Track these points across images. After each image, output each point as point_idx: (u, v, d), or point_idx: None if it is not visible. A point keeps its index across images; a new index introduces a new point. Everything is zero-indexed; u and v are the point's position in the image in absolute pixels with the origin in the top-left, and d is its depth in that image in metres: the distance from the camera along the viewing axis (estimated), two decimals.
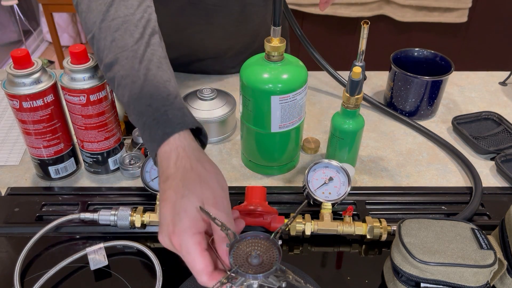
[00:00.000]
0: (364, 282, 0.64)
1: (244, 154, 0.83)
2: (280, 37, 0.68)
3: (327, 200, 0.70)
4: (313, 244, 0.69)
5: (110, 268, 0.65)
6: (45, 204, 0.74)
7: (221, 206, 0.51)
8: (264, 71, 0.70)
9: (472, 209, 0.73)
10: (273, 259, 0.48)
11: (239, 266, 0.48)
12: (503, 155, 0.84)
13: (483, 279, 0.56)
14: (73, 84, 0.69)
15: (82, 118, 0.72)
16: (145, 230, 0.70)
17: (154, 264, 0.63)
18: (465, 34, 2.30)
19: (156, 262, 0.64)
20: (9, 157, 0.84)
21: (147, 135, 0.56)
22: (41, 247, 0.67)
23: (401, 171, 0.83)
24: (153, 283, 0.61)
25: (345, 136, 0.76)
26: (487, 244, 0.57)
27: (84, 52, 0.68)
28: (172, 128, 0.54)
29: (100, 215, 0.68)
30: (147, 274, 0.64)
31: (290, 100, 0.71)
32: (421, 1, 2.13)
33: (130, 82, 0.58)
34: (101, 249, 0.65)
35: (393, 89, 0.96)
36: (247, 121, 0.76)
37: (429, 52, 0.99)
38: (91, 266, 0.64)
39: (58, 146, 0.75)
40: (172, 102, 0.56)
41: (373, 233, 0.67)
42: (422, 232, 0.59)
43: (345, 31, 2.30)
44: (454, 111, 1.00)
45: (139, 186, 0.77)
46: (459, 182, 0.81)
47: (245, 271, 0.47)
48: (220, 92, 0.90)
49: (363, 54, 0.70)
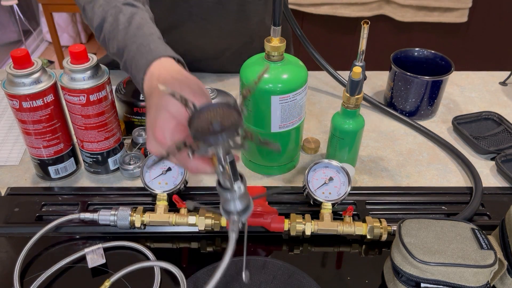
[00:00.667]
0: (364, 282, 0.64)
1: (244, 154, 0.83)
2: (280, 37, 0.68)
3: (327, 200, 0.70)
4: (313, 244, 0.69)
5: (109, 268, 0.64)
6: (45, 204, 0.74)
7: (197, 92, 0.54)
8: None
9: (472, 209, 0.73)
10: (234, 122, 0.47)
11: (197, 130, 0.46)
12: (503, 155, 0.84)
13: (483, 279, 0.56)
14: (73, 84, 0.68)
15: (82, 118, 0.72)
16: (145, 230, 0.70)
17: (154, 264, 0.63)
18: (465, 34, 2.30)
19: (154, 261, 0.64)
20: (9, 157, 0.84)
21: (134, 69, 0.63)
22: (41, 247, 0.67)
23: (401, 171, 0.83)
24: (152, 283, 0.61)
25: (345, 136, 0.76)
26: (487, 244, 0.57)
27: (84, 52, 0.68)
28: (153, 56, 0.61)
29: (100, 215, 0.68)
30: (146, 274, 0.64)
31: (290, 100, 0.71)
32: (421, 1, 2.13)
33: (116, 32, 0.67)
34: (99, 248, 0.65)
35: (393, 89, 0.96)
36: (247, 121, 0.76)
37: (429, 52, 0.99)
38: (88, 265, 0.64)
39: (58, 146, 0.75)
40: (154, 39, 0.64)
41: (373, 233, 0.67)
42: (422, 232, 0.59)
43: (345, 31, 2.30)
44: (454, 111, 0.99)
45: (139, 186, 0.77)
46: (459, 182, 0.81)
47: (204, 135, 0.45)
48: (220, 92, 0.90)
49: (363, 54, 0.70)
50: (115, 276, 0.61)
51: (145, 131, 0.82)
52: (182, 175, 0.72)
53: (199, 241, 0.69)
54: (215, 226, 0.67)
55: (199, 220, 0.67)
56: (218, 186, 0.51)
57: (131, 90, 0.86)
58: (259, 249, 0.68)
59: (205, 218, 0.67)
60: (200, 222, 0.67)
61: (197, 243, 0.69)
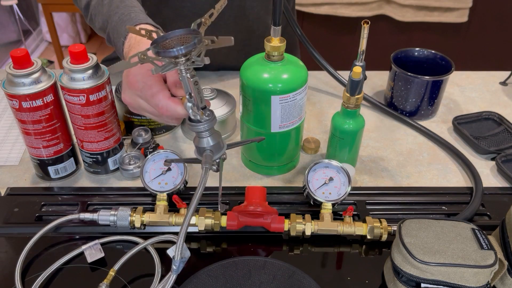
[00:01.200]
0: (364, 282, 0.64)
1: (244, 154, 0.83)
2: (280, 37, 0.68)
3: (327, 200, 0.70)
4: (313, 244, 0.69)
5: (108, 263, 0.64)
6: (45, 204, 0.74)
7: None
8: (264, 71, 0.70)
9: (472, 209, 0.72)
10: (191, 39, 0.52)
11: (158, 46, 0.52)
12: (503, 155, 0.84)
13: (484, 279, 0.55)
14: (73, 84, 0.68)
15: (81, 118, 0.72)
16: (145, 230, 0.70)
17: (155, 261, 0.63)
18: (465, 34, 2.30)
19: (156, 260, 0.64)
20: (9, 157, 0.84)
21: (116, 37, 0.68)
22: (41, 247, 0.67)
23: (401, 171, 0.83)
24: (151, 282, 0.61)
25: (345, 136, 0.76)
26: (487, 244, 0.57)
27: (83, 52, 0.68)
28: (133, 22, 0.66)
29: (99, 215, 0.68)
30: (146, 272, 0.64)
31: (290, 100, 0.71)
32: (421, 1, 2.13)
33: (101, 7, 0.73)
34: (96, 244, 0.66)
35: (393, 89, 0.96)
36: (247, 121, 0.76)
37: (430, 52, 0.99)
38: (88, 260, 0.64)
39: (57, 146, 0.75)
40: (136, 11, 0.69)
41: (373, 233, 0.67)
42: (423, 232, 0.59)
43: (345, 31, 2.29)
44: (455, 111, 0.99)
45: (138, 186, 0.77)
46: (460, 182, 0.81)
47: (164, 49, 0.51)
48: (220, 92, 0.90)
49: (363, 54, 0.70)
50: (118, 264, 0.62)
51: (144, 129, 0.82)
52: (182, 175, 0.72)
53: (199, 241, 0.69)
54: (215, 226, 0.67)
55: (199, 220, 0.67)
56: (189, 121, 0.58)
57: None
58: (259, 249, 0.68)
59: (205, 218, 0.67)
60: (200, 222, 0.67)
61: (197, 243, 0.69)
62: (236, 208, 0.68)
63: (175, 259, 0.54)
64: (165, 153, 0.73)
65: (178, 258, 0.54)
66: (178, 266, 0.55)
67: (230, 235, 0.70)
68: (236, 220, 0.67)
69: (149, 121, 0.86)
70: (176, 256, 0.54)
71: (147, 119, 0.86)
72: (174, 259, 0.54)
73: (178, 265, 0.54)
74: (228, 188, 0.77)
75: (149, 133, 0.82)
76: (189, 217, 0.53)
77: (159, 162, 0.73)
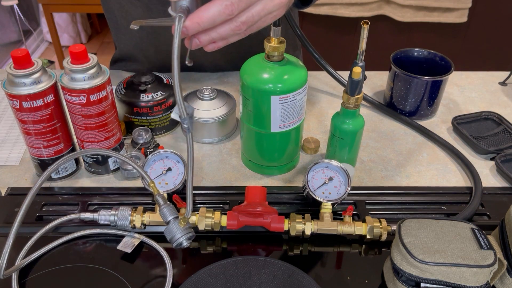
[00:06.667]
0: (364, 282, 0.64)
1: (244, 154, 0.83)
2: (281, 37, 0.68)
3: (327, 200, 0.70)
4: (313, 244, 0.69)
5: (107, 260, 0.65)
6: (45, 204, 0.74)
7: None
8: (264, 71, 0.70)
9: (472, 209, 0.73)
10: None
11: None
12: (503, 155, 0.84)
13: (483, 279, 0.56)
14: (73, 84, 0.69)
15: (82, 118, 0.72)
16: (145, 230, 0.70)
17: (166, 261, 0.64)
18: (465, 34, 2.30)
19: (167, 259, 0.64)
20: (9, 157, 0.84)
21: None
22: (41, 247, 0.67)
23: (401, 171, 0.83)
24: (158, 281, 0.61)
25: (345, 136, 0.76)
26: (487, 244, 0.57)
27: (84, 52, 0.68)
28: None
29: (100, 215, 0.68)
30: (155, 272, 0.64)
31: (290, 100, 0.71)
32: (421, 1, 2.13)
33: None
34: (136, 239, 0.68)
35: (393, 89, 0.96)
36: (247, 121, 0.76)
37: (429, 52, 0.99)
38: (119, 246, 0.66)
39: (58, 146, 0.75)
40: None
41: (373, 233, 0.67)
42: (422, 232, 0.59)
43: (345, 31, 2.30)
44: (454, 111, 1.00)
45: (139, 186, 0.77)
46: (459, 182, 0.81)
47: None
48: (220, 92, 0.90)
49: (363, 54, 0.70)
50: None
51: (145, 129, 0.82)
52: (182, 175, 0.72)
53: (199, 241, 0.69)
54: (215, 226, 0.68)
55: (199, 220, 0.67)
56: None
57: (131, 90, 0.86)
58: (259, 249, 0.68)
59: (205, 218, 0.67)
60: (200, 222, 0.67)
61: (197, 243, 0.69)
62: (236, 208, 0.68)
63: (182, 118, 0.53)
64: (165, 153, 0.73)
65: (184, 115, 0.53)
66: (189, 122, 0.53)
67: (230, 235, 0.70)
68: (236, 220, 0.67)
69: (149, 121, 0.86)
70: (182, 114, 0.53)
71: (147, 119, 0.86)
72: (182, 118, 0.53)
73: (187, 121, 0.53)
74: (228, 188, 0.77)
75: (149, 133, 0.83)
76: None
77: (159, 162, 0.73)
